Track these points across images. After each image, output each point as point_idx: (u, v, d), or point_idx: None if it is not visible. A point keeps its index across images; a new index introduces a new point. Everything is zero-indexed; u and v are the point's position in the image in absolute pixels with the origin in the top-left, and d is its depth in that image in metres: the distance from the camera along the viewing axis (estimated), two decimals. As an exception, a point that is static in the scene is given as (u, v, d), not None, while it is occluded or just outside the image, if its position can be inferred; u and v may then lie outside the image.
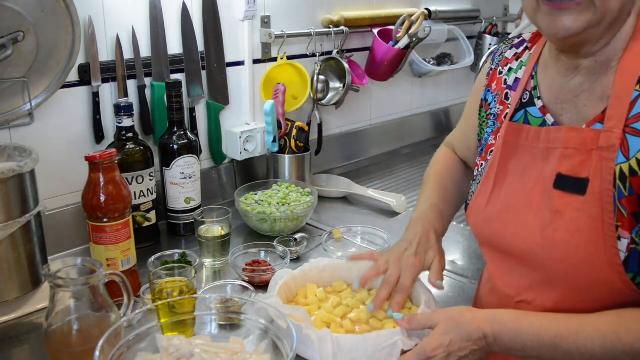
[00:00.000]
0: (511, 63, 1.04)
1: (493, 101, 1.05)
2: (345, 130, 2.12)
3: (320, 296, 1.14)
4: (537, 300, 0.94)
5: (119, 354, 0.88)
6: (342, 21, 1.88)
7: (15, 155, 1.16)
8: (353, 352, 0.95)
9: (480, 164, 1.05)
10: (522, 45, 1.05)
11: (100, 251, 1.17)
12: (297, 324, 0.98)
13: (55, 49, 1.28)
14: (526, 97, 0.98)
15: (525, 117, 0.97)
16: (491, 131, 1.04)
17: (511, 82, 1.02)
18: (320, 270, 1.19)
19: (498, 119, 1.03)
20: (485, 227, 1.00)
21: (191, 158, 1.48)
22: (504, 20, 2.65)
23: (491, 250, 1.02)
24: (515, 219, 0.95)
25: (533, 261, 0.93)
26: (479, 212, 1.01)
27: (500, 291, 1.00)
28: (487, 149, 1.04)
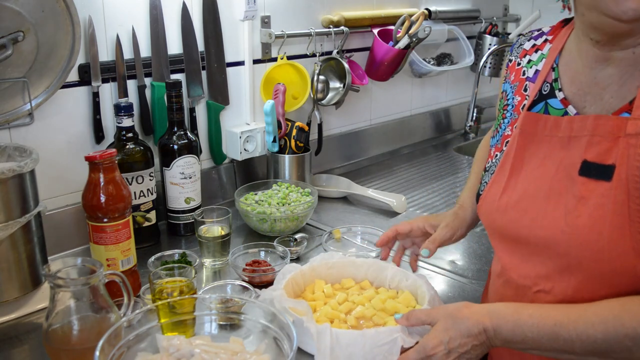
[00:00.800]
0: (530, 55, 1.05)
1: (511, 92, 1.06)
2: (345, 130, 2.12)
3: (327, 292, 1.14)
4: (556, 288, 0.94)
5: (119, 354, 0.88)
6: (342, 21, 1.88)
7: (15, 155, 1.16)
8: (351, 346, 0.95)
9: (494, 155, 1.06)
10: (540, 37, 1.06)
11: (100, 251, 1.17)
12: (299, 317, 0.99)
13: (55, 49, 1.28)
14: (546, 88, 0.99)
15: (545, 108, 0.98)
16: (508, 122, 1.05)
17: (531, 73, 1.03)
18: (329, 266, 1.19)
19: (515, 110, 1.04)
20: (500, 216, 1.00)
21: (191, 158, 1.48)
22: (504, 20, 2.65)
23: (505, 241, 1.02)
24: (535, 206, 0.95)
25: (553, 248, 0.93)
26: (492, 201, 1.01)
27: (516, 283, 1.00)
28: (503, 139, 1.05)
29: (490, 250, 1.50)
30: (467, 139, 2.51)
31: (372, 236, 1.49)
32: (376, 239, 1.47)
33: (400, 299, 1.13)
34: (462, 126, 2.59)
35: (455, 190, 1.94)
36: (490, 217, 1.03)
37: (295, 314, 1.01)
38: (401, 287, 1.18)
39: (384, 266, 1.20)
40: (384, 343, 0.96)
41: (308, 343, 1.00)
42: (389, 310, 1.10)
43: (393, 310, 1.10)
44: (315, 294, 1.14)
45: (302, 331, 0.99)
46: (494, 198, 1.01)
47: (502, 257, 1.04)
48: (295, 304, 1.02)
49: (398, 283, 1.18)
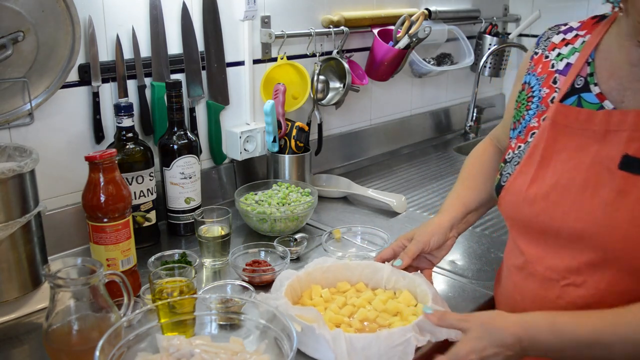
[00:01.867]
0: (560, 48, 1.05)
1: (537, 84, 1.06)
2: (345, 130, 2.12)
3: (325, 297, 1.14)
4: (588, 282, 0.94)
5: (119, 354, 0.88)
6: (342, 21, 1.88)
7: (15, 155, 1.16)
8: (366, 350, 0.95)
9: (516, 146, 1.06)
10: (570, 32, 1.06)
11: (100, 251, 1.17)
12: (308, 324, 0.98)
13: (55, 49, 1.28)
14: (580, 82, 0.99)
15: (578, 102, 0.98)
16: (534, 113, 1.05)
17: (561, 66, 1.03)
18: (323, 271, 1.19)
19: (542, 102, 1.04)
20: (528, 207, 1.00)
21: (191, 158, 1.48)
22: (504, 20, 2.65)
23: (530, 232, 1.01)
24: (568, 198, 0.95)
25: (588, 241, 0.93)
26: (519, 192, 1.01)
27: (541, 275, 1.00)
28: (528, 131, 1.05)
29: (491, 250, 1.50)
30: (467, 139, 2.51)
31: (372, 236, 1.49)
32: (376, 238, 1.47)
33: (400, 298, 1.13)
34: (462, 126, 2.59)
35: (455, 190, 1.94)
36: (515, 207, 1.02)
37: (303, 321, 1.00)
38: (398, 287, 1.17)
39: (379, 267, 1.20)
40: (398, 344, 0.96)
41: (319, 350, 0.99)
42: (391, 311, 1.10)
43: (395, 311, 1.10)
44: (313, 300, 1.14)
45: (314, 338, 0.98)
46: (520, 189, 1.01)
47: (526, 250, 1.03)
48: (302, 311, 1.01)
49: (395, 283, 1.18)
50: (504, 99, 2.82)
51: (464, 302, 1.23)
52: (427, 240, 1.17)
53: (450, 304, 1.14)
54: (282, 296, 1.06)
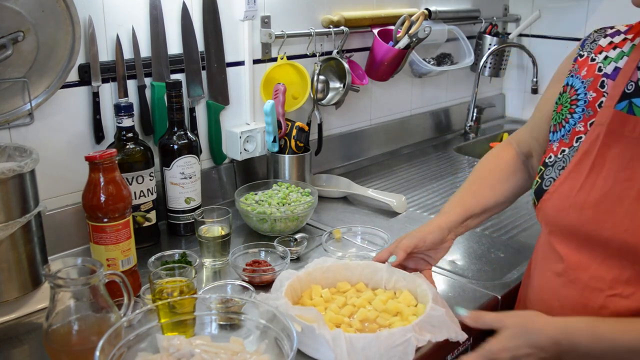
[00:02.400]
0: (607, 52, 1.03)
1: (582, 87, 1.03)
2: (345, 130, 2.12)
3: (325, 297, 1.14)
4: (637, 294, 0.92)
5: (119, 354, 0.88)
6: (342, 21, 1.88)
7: (15, 155, 1.16)
8: (366, 350, 0.95)
9: (559, 150, 1.04)
10: (618, 35, 1.04)
11: (100, 251, 1.17)
12: (308, 324, 0.98)
13: (55, 49, 1.28)
14: (631, 87, 0.97)
15: (629, 107, 0.96)
16: (579, 117, 1.02)
17: (609, 70, 1.01)
18: (323, 271, 1.19)
19: (589, 106, 1.01)
20: (576, 213, 0.97)
21: (191, 158, 1.48)
22: (504, 20, 2.65)
23: (574, 239, 0.99)
24: (620, 209, 0.93)
25: (639, 254, 0.91)
26: (566, 197, 0.99)
27: (584, 284, 0.97)
28: (573, 135, 1.02)
29: (491, 250, 1.50)
30: (467, 139, 2.51)
31: (372, 236, 1.49)
32: (376, 238, 1.47)
33: (401, 298, 1.13)
34: (462, 126, 2.59)
35: (455, 190, 1.93)
36: (560, 213, 1.00)
37: (304, 321, 0.99)
38: (398, 287, 1.17)
39: (379, 267, 1.20)
40: (398, 344, 0.95)
41: (319, 350, 0.99)
42: (391, 311, 1.09)
43: (395, 311, 1.09)
44: (313, 300, 1.14)
45: (314, 338, 0.98)
46: (568, 194, 0.98)
47: (568, 257, 1.00)
48: (302, 311, 1.01)
49: (395, 283, 1.18)
50: (504, 99, 2.82)
51: (464, 302, 1.23)
52: (422, 236, 1.15)
53: (450, 304, 1.14)
54: (282, 296, 1.06)
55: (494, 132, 2.61)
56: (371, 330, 1.05)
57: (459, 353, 1.18)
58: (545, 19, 2.52)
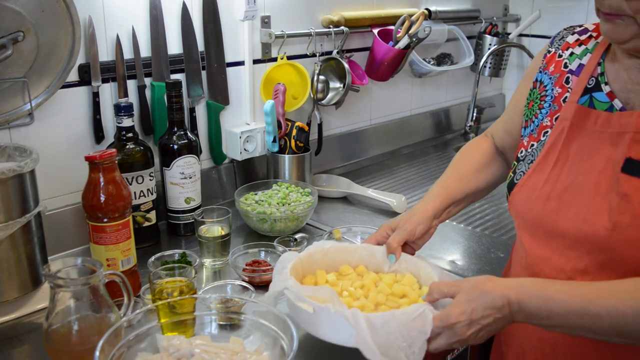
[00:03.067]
0: (573, 48, 1.06)
1: (550, 83, 1.07)
2: (345, 130, 2.12)
3: (331, 281, 1.12)
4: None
5: (119, 354, 0.88)
6: (342, 21, 1.88)
7: (15, 155, 1.16)
8: (385, 325, 0.93)
9: (529, 144, 1.07)
10: (585, 33, 1.07)
11: (100, 251, 1.17)
12: (320, 305, 0.96)
13: (55, 49, 1.28)
14: (592, 82, 1.00)
15: (590, 101, 0.99)
16: (546, 112, 1.05)
17: (574, 67, 1.04)
18: (324, 253, 1.17)
19: (555, 101, 1.04)
20: (540, 205, 1.00)
21: (191, 158, 1.48)
22: (504, 20, 2.65)
23: (537, 232, 1.02)
24: (579, 200, 0.96)
25: (595, 244, 0.93)
26: (533, 189, 1.01)
27: (546, 275, 1.00)
28: (541, 129, 1.05)
29: (491, 250, 1.50)
30: (467, 139, 2.51)
31: (372, 236, 1.49)
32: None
33: (404, 281, 1.12)
34: (462, 126, 2.59)
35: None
36: (526, 205, 1.02)
37: (316, 302, 0.97)
38: (400, 270, 1.16)
39: (377, 250, 1.18)
40: (415, 317, 0.95)
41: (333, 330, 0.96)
42: (398, 294, 1.08)
43: (401, 294, 1.08)
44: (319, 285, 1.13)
45: (328, 319, 0.95)
46: (534, 186, 1.01)
47: (532, 250, 1.03)
48: (314, 291, 0.99)
49: (397, 266, 1.16)
50: (504, 99, 2.82)
51: (464, 302, 1.23)
52: (412, 228, 1.15)
53: (450, 304, 1.14)
54: (290, 277, 1.03)
55: (494, 132, 2.61)
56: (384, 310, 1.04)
57: (458, 353, 1.18)
58: (545, 19, 2.52)
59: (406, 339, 0.94)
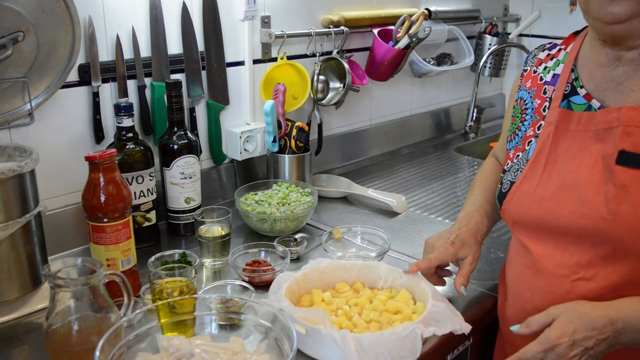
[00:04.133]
0: (546, 62, 1.12)
1: (528, 97, 1.12)
2: (345, 130, 2.12)
3: (327, 300, 1.14)
4: (598, 275, 0.97)
5: (119, 354, 0.88)
6: (342, 21, 1.88)
7: (15, 155, 1.16)
8: (374, 346, 0.95)
9: (514, 156, 1.11)
10: (554, 47, 1.14)
11: (100, 251, 1.17)
12: (312, 326, 0.98)
13: (55, 49, 1.28)
14: (568, 88, 1.05)
15: (568, 106, 1.04)
16: (529, 124, 1.10)
17: (549, 78, 1.10)
18: (320, 272, 1.19)
19: (536, 112, 1.09)
20: (536, 208, 1.03)
21: (191, 158, 1.48)
22: (504, 20, 2.65)
23: (537, 232, 1.04)
24: (574, 196, 0.99)
25: (596, 236, 0.96)
26: (526, 194, 1.05)
27: (550, 273, 1.02)
28: (525, 140, 1.10)
29: (491, 250, 1.50)
30: (467, 139, 2.51)
31: (372, 236, 1.48)
32: (376, 238, 1.47)
33: (398, 297, 1.13)
34: (462, 126, 2.59)
35: (455, 190, 1.94)
36: (522, 209, 1.05)
37: (308, 323, 1.00)
38: (395, 286, 1.18)
39: (375, 266, 1.20)
40: (404, 336, 0.96)
41: (324, 352, 0.99)
42: (392, 310, 1.10)
43: (395, 310, 1.10)
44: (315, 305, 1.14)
45: (319, 340, 0.98)
46: (527, 191, 1.05)
47: (534, 248, 1.05)
48: (307, 313, 1.02)
49: (392, 282, 1.18)
50: (504, 99, 2.82)
51: (464, 302, 1.23)
52: (455, 252, 1.15)
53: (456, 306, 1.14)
54: (284, 298, 1.06)
55: (494, 132, 2.61)
56: (375, 330, 1.05)
57: (458, 353, 1.18)
58: (545, 19, 2.52)
59: (395, 358, 0.95)
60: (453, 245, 1.15)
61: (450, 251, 1.14)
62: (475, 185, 1.31)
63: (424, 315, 1.02)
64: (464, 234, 1.17)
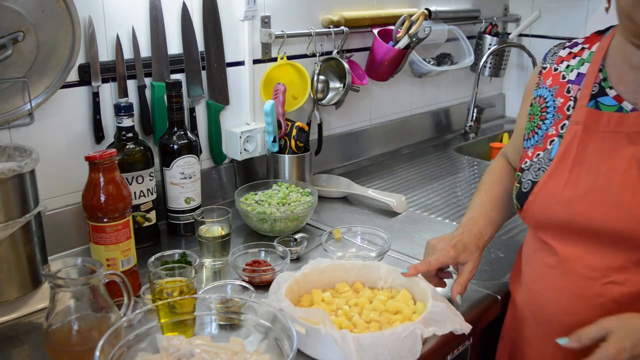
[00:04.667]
0: (568, 61, 1.10)
1: (549, 95, 1.10)
2: (345, 130, 2.12)
3: (327, 300, 1.14)
4: (631, 280, 0.96)
5: (119, 354, 0.88)
6: (342, 21, 1.88)
7: (15, 155, 1.16)
8: (374, 346, 0.95)
9: (534, 154, 1.09)
10: (576, 46, 1.12)
11: (100, 251, 1.17)
12: (313, 326, 0.98)
13: (55, 49, 1.28)
14: (595, 88, 1.04)
15: (595, 106, 1.02)
16: (550, 122, 1.09)
17: (572, 77, 1.08)
18: (320, 272, 1.19)
19: (559, 111, 1.08)
20: (564, 209, 1.02)
21: (191, 158, 1.48)
22: (504, 20, 2.65)
23: (564, 233, 1.03)
24: (607, 199, 0.98)
25: (631, 240, 0.95)
26: (552, 194, 1.03)
27: (579, 275, 1.01)
28: (546, 139, 1.08)
29: (491, 250, 1.50)
30: (467, 139, 2.51)
31: (372, 236, 1.48)
32: (376, 238, 1.47)
33: (398, 297, 1.13)
34: (462, 126, 2.59)
35: (455, 190, 1.94)
36: (548, 210, 1.04)
37: (308, 323, 1.00)
38: (395, 286, 1.18)
39: (375, 266, 1.20)
40: (404, 336, 0.97)
41: (325, 351, 0.99)
42: (392, 310, 1.10)
43: (395, 310, 1.10)
44: (315, 305, 1.14)
45: (319, 340, 0.98)
46: (553, 192, 1.03)
47: (561, 249, 1.04)
48: (307, 313, 1.02)
49: (392, 282, 1.18)
50: (504, 99, 2.82)
51: (464, 302, 1.23)
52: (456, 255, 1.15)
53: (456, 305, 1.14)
54: (285, 298, 1.06)
55: (494, 132, 2.61)
56: (375, 330, 1.05)
57: (458, 353, 1.18)
58: (545, 19, 2.52)
59: (395, 358, 0.95)
60: (454, 248, 1.15)
61: (451, 254, 1.14)
62: (481, 187, 1.29)
63: (424, 315, 1.02)
64: (467, 238, 1.17)
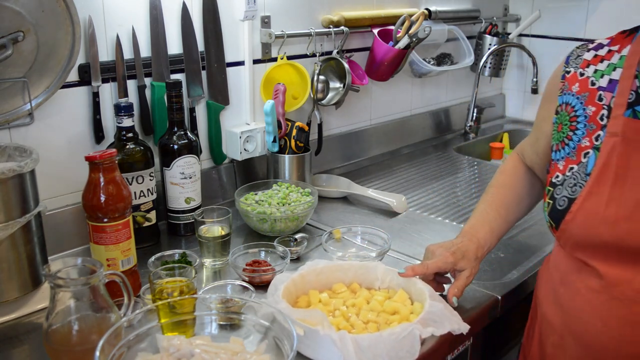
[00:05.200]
0: (595, 65, 1.03)
1: (578, 103, 1.03)
2: (345, 130, 2.12)
3: (324, 301, 1.14)
4: None
5: (119, 354, 0.88)
6: (342, 21, 1.88)
7: (15, 155, 1.16)
8: (372, 347, 0.95)
9: (567, 168, 1.03)
10: (601, 48, 1.04)
11: (100, 251, 1.17)
12: (311, 327, 0.98)
13: (55, 49, 1.28)
14: (632, 96, 0.97)
15: (634, 115, 0.96)
16: (583, 133, 1.02)
17: (604, 83, 1.01)
18: (317, 273, 1.19)
19: (591, 121, 1.01)
20: (609, 229, 0.95)
21: (191, 158, 1.48)
22: (504, 20, 2.65)
23: (610, 254, 0.96)
24: None
25: None
26: (594, 214, 0.96)
27: (631, 299, 0.95)
28: (579, 151, 1.01)
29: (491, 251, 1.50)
30: (467, 139, 2.51)
31: (372, 236, 1.48)
32: (376, 238, 1.47)
33: (396, 297, 1.13)
34: (462, 126, 2.59)
35: (455, 190, 1.94)
36: (591, 231, 0.97)
37: (306, 325, 0.99)
38: (392, 287, 1.18)
39: (372, 267, 1.20)
40: (403, 337, 0.96)
41: (322, 352, 0.99)
42: (389, 311, 1.10)
43: (393, 311, 1.10)
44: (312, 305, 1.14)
45: (317, 341, 0.98)
46: (595, 210, 0.96)
47: (606, 272, 0.97)
48: (305, 314, 1.01)
49: (389, 282, 1.18)
50: (504, 99, 2.82)
51: (464, 302, 1.23)
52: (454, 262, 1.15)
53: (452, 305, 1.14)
54: (282, 300, 1.06)
55: (494, 132, 2.61)
56: (373, 330, 1.05)
57: (458, 353, 1.18)
58: (545, 19, 2.52)
59: (393, 359, 0.95)
60: (453, 255, 1.14)
61: (449, 260, 1.13)
62: (489, 189, 1.25)
63: (422, 316, 1.02)
64: (466, 247, 1.16)
